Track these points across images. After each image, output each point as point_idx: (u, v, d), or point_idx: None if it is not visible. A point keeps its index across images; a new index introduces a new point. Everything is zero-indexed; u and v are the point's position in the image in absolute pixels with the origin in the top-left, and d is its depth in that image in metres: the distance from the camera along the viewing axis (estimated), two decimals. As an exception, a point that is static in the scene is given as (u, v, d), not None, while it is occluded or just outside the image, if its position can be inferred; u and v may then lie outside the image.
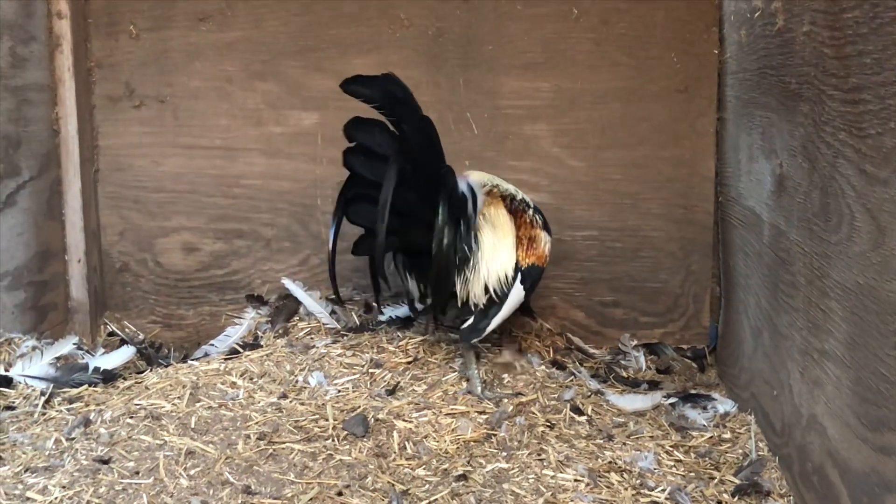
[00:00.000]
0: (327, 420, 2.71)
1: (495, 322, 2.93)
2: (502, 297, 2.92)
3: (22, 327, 3.27)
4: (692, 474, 2.55)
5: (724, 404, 2.99)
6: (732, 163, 3.24)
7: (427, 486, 2.42)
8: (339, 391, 2.90)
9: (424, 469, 2.50)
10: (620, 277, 3.62)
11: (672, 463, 2.61)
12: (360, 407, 2.79)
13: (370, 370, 3.02)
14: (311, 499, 2.34)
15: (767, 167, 2.74)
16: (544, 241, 3.04)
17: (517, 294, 2.94)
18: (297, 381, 2.97)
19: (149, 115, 3.62)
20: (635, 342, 3.57)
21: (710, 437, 2.78)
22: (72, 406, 2.83)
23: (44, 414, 2.79)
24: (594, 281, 3.63)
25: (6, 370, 2.98)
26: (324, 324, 3.36)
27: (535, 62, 3.50)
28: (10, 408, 2.83)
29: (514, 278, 2.93)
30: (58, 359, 3.06)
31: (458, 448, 2.59)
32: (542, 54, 3.50)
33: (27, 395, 2.90)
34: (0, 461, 2.53)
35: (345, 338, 3.25)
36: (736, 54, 3.20)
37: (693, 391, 3.13)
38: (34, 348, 3.09)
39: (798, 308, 2.43)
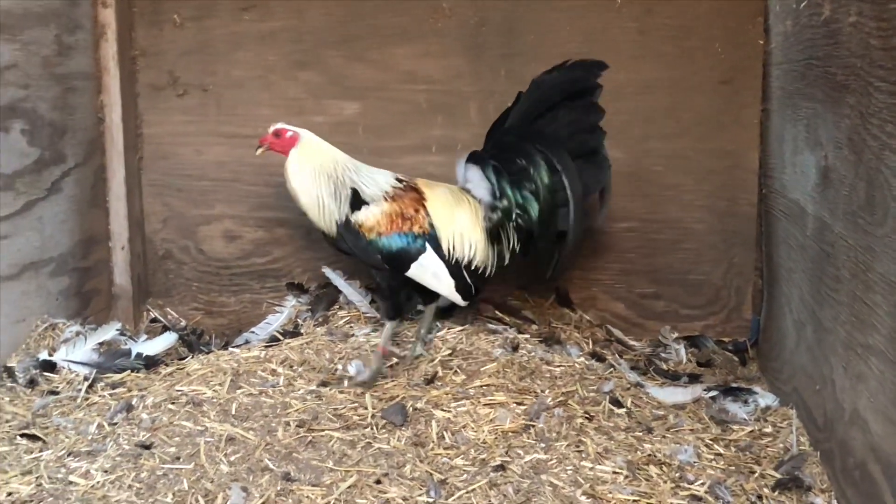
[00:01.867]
0: (366, 409, 2.72)
1: None
2: None
3: (66, 313, 3.30)
4: (732, 468, 2.54)
5: (765, 398, 2.96)
6: (777, 154, 3.21)
7: (465, 475, 2.42)
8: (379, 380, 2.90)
9: (462, 459, 2.50)
10: (661, 269, 3.60)
11: (712, 456, 2.59)
12: (398, 396, 2.79)
13: (409, 359, 3.03)
14: (349, 486, 2.35)
15: (812, 159, 2.71)
16: None
17: None
18: (336, 370, 2.98)
19: (192, 104, 3.65)
20: (676, 334, 3.54)
21: (751, 431, 2.76)
22: (114, 391, 2.86)
23: (87, 399, 2.82)
24: (635, 273, 3.62)
25: (50, 355, 3.02)
26: (363, 312, 3.37)
27: (577, 52, 3.45)
28: (53, 392, 2.87)
29: None
30: (101, 344, 3.10)
31: (496, 438, 2.58)
32: (585, 44, 3.47)
33: (71, 380, 2.93)
34: (44, 445, 2.56)
35: (384, 326, 3.25)
36: (781, 45, 3.16)
37: (734, 384, 3.11)
38: (78, 334, 3.13)
39: (842, 302, 2.41)
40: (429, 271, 2.98)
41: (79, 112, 3.39)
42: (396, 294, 3.02)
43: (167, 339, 3.24)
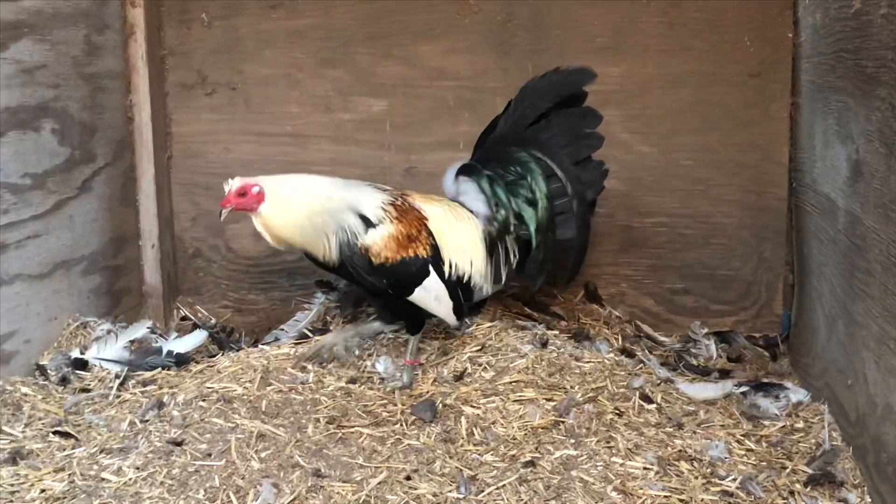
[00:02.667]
0: (396, 405, 2.73)
1: None
2: None
3: (97, 311, 3.33)
4: (764, 464, 2.52)
5: (796, 393, 2.94)
6: (807, 148, 3.19)
7: (495, 471, 2.42)
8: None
9: (492, 455, 2.50)
10: (691, 265, 3.58)
11: (743, 452, 2.58)
12: (428, 392, 2.80)
13: (438, 356, 3.03)
14: (379, 483, 2.35)
15: (843, 152, 2.69)
16: None
17: None
18: (365, 367, 2.98)
19: (220, 103, 3.66)
20: (706, 330, 3.52)
21: (783, 427, 2.75)
22: (145, 389, 2.88)
23: (118, 396, 2.84)
24: (664, 268, 3.60)
25: (82, 353, 3.04)
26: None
27: (604, 47, 3.47)
28: (85, 390, 2.89)
29: None
30: (132, 342, 3.12)
31: (525, 434, 2.58)
32: (612, 39, 3.47)
33: (102, 377, 2.95)
34: (76, 442, 2.58)
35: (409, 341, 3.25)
36: (811, 38, 3.14)
37: (765, 380, 3.08)
38: (109, 332, 3.15)
39: (874, 296, 2.39)
40: (432, 294, 2.90)
41: (108, 111, 3.41)
42: (413, 311, 2.95)
43: (197, 337, 3.24)
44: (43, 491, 2.35)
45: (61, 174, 3.14)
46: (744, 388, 2.95)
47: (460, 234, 2.97)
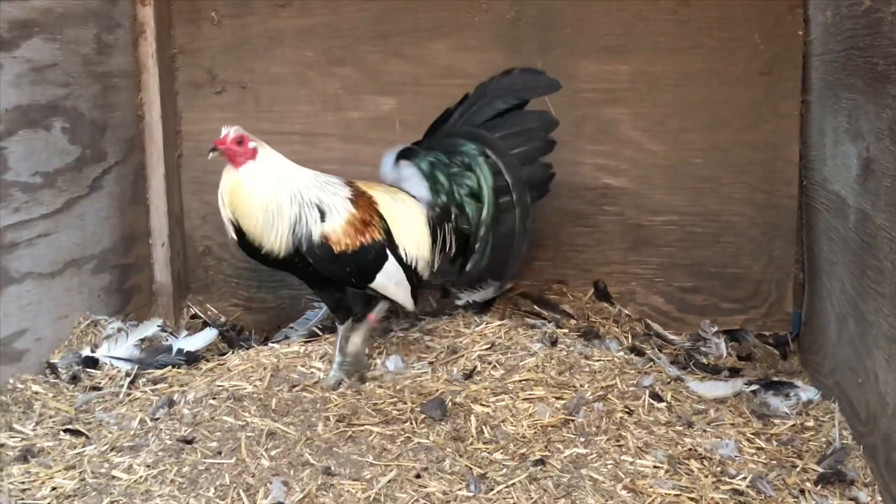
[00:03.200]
0: (405, 403, 2.72)
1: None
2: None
3: (107, 309, 3.33)
4: (774, 462, 2.52)
5: (807, 392, 2.94)
6: (817, 146, 3.18)
7: (505, 470, 2.42)
8: (417, 375, 2.91)
9: (502, 453, 2.49)
10: (701, 263, 3.58)
11: (753, 450, 2.57)
12: (437, 391, 2.79)
13: (448, 354, 3.03)
14: (389, 481, 2.35)
15: (853, 150, 2.68)
16: None
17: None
18: (375, 365, 2.98)
19: (230, 101, 3.67)
20: (716, 328, 3.52)
21: (793, 425, 2.74)
22: (156, 387, 2.88)
23: (129, 394, 2.85)
24: (674, 266, 3.59)
25: (92, 351, 3.05)
26: (401, 307, 3.37)
27: (614, 45, 3.46)
28: (96, 388, 2.89)
29: None
30: (142, 340, 3.12)
31: (535, 433, 2.58)
32: (622, 37, 3.46)
33: (113, 375, 2.96)
34: (87, 440, 2.59)
35: (422, 322, 3.26)
36: (821, 35, 3.13)
37: (775, 378, 3.08)
38: (119, 330, 3.16)
39: (885, 294, 2.38)
40: (393, 279, 2.88)
41: (118, 110, 3.42)
42: (367, 298, 2.94)
43: (207, 335, 3.25)
44: (54, 489, 2.35)
45: (72, 173, 3.15)
46: (754, 387, 2.95)
47: (407, 218, 2.95)
